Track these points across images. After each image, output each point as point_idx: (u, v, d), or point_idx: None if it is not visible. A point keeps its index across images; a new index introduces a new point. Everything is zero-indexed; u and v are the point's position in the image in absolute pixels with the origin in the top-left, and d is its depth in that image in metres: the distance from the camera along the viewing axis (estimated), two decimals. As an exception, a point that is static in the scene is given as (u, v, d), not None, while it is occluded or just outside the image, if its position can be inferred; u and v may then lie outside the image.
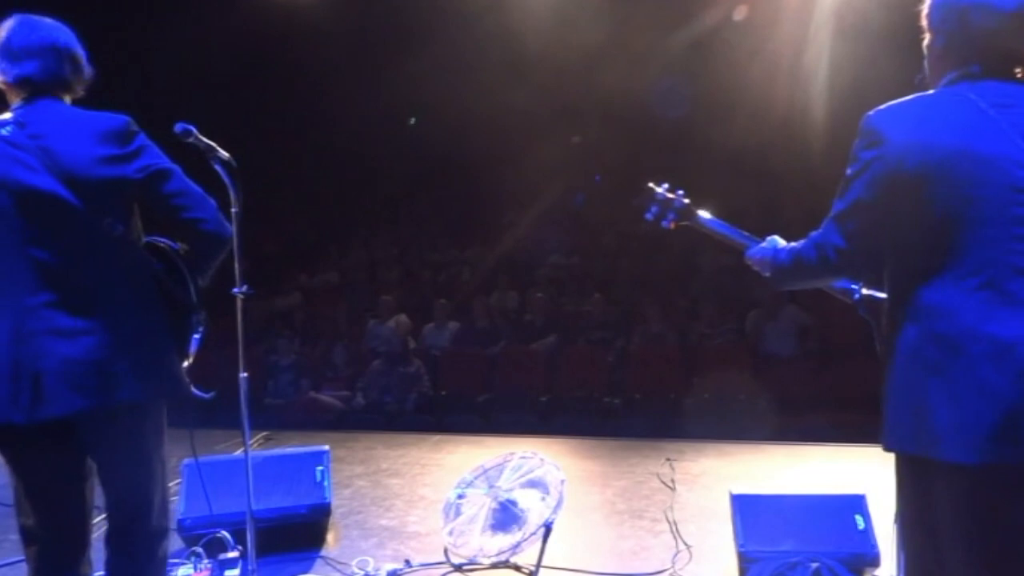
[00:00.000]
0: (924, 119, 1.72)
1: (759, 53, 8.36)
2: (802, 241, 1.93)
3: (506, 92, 9.11)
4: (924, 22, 1.87)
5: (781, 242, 2.12)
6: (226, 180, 2.66)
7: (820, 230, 1.85)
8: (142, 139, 2.09)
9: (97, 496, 2.20)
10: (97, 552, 2.23)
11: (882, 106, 1.78)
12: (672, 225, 2.46)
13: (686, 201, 2.45)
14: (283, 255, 10.80)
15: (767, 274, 2.11)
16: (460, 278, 9.91)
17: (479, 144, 10.33)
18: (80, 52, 2.17)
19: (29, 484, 2.09)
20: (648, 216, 2.49)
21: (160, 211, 2.11)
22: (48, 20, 2.14)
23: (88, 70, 2.20)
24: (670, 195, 2.46)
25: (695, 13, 8.62)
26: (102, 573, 2.17)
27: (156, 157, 2.09)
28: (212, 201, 2.16)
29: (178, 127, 2.43)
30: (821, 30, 8.04)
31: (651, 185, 2.48)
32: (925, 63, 1.94)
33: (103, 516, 2.17)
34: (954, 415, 1.63)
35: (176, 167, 2.13)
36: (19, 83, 2.07)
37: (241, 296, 2.83)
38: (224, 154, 2.62)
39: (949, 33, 1.80)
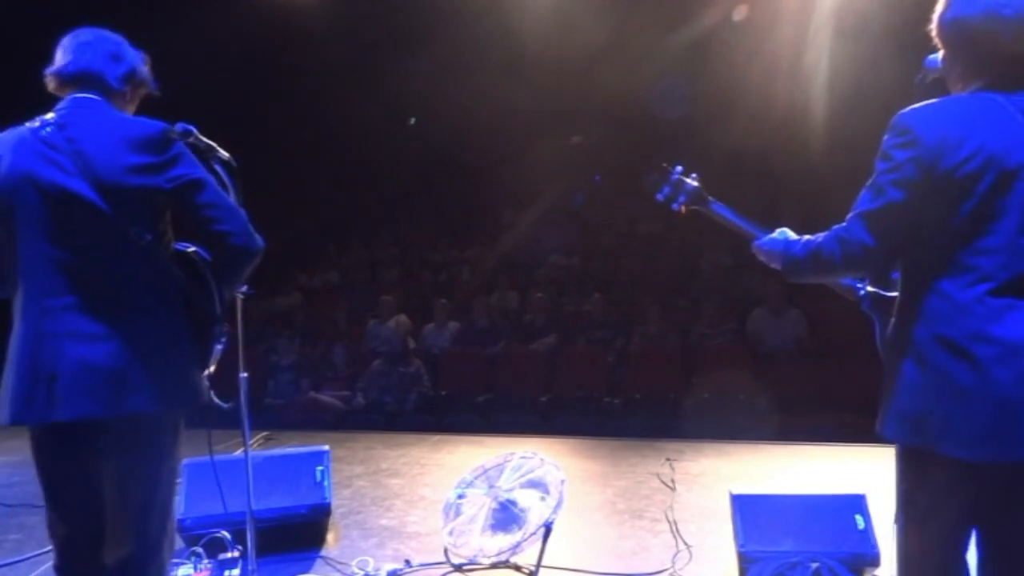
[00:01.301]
0: (958, 122, 1.71)
1: (759, 53, 8.36)
2: (822, 235, 1.90)
3: (506, 92, 9.11)
4: (936, 40, 1.86)
5: (791, 234, 2.10)
6: (226, 180, 2.65)
7: (845, 226, 1.83)
8: (178, 148, 2.06)
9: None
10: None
11: (915, 106, 1.77)
12: (682, 208, 2.44)
13: (698, 185, 2.43)
14: (283, 255, 10.80)
15: (776, 266, 2.10)
16: (460, 278, 9.91)
17: (479, 144, 10.33)
18: (129, 56, 2.19)
19: (50, 477, 2.11)
20: (659, 196, 2.45)
21: (189, 222, 2.08)
22: (104, 30, 2.18)
23: (140, 77, 2.21)
24: (684, 178, 2.44)
25: (695, 13, 8.62)
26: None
27: (190, 167, 2.07)
28: (242, 213, 2.13)
29: (178, 127, 2.43)
30: (821, 31, 8.05)
31: (665, 166, 2.46)
32: (929, 65, 1.94)
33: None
34: (959, 413, 1.65)
35: (210, 178, 2.11)
36: (55, 78, 2.10)
37: (241, 296, 2.83)
38: (224, 154, 2.62)
39: (965, 54, 1.80)
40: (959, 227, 1.69)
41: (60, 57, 2.11)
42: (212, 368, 2.21)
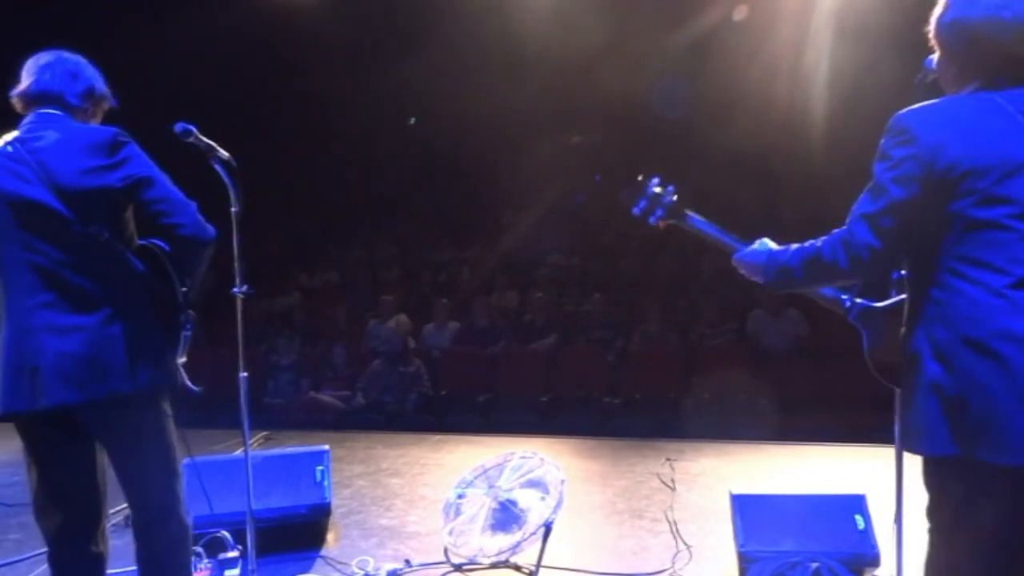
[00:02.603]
0: (956, 121, 1.71)
1: (759, 54, 8.36)
2: (820, 240, 1.86)
3: (506, 92, 9.10)
4: (934, 41, 1.85)
5: (773, 245, 2.06)
6: (226, 180, 2.69)
7: (847, 229, 1.79)
8: (128, 150, 2.20)
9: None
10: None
11: (912, 107, 1.76)
12: (660, 223, 2.38)
13: (675, 198, 2.36)
14: (283, 255, 10.79)
15: (758, 279, 2.05)
16: (460, 278, 9.91)
17: (479, 144, 10.33)
18: (86, 74, 2.33)
19: (43, 466, 2.26)
20: (636, 211, 2.40)
21: (143, 217, 2.25)
22: (63, 52, 2.33)
23: (99, 94, 2.35)
24: (658, 190, 2.37)
25: (695, 14, 8.62)
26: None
27: (140, 167, 2.20)
28: (192, 207, 2.26)
29: (178, 127, 2.50)
30: (821, 31, 8.04)
31: (641, 179, 2.40)
32: (929, 65, 1.93)
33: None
34: (992, 417, 1.60)
35: (160, 175, 2.23)
36: (20, 98, 2.27)
37: (241, 296, 2.84)
38: (224, 154, 2.65)
39: (963, 55, 1.78)
40: (966, 224, 1.67)
41: (24, 79, 2.28)
42: (184, 358, 2.38)
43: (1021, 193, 1.65)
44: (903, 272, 1.89)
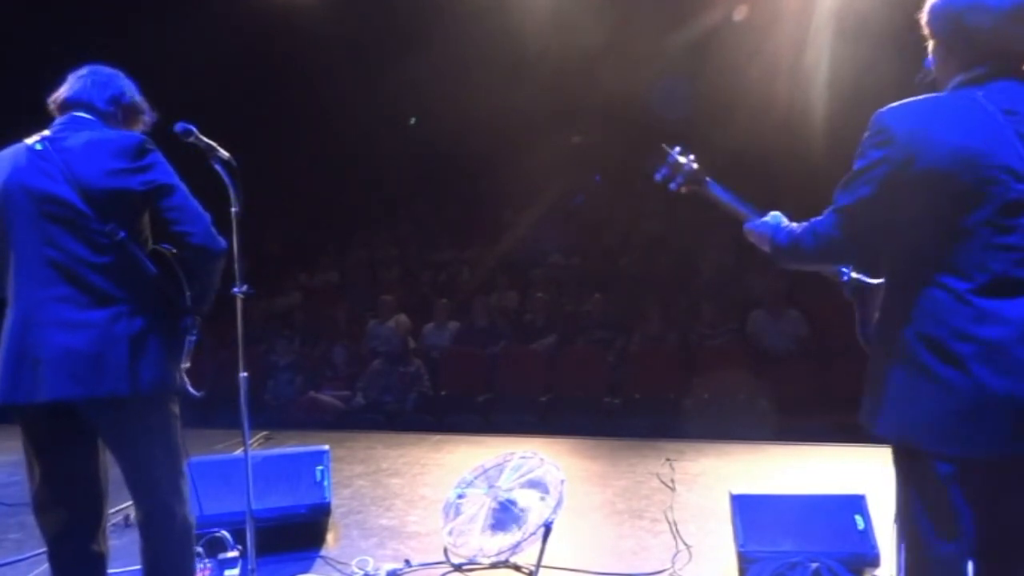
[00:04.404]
0: (935, 121, 1.73)
1: (759, 53, 8.35)
2: (802, 225, 1.97)
3: (506, 92, 9.09)
4: (926, 30, 1.89)
5: (783, 219, 2.15)
6: (226, 179, 2.69)
7: (821, 219, 1.89)
8: (153, 157, 2.29)
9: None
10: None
11: (894, 104, 1.79)
12: (680, 188, 2.48)
13: (696, 166, 2.46)
14: (283, 255, 10.79)
15: (765, 249, 2.14)
16: (460, 278, 9.90)
17: (479, 144, 10.32)
18: (125, 91, 2.44)
19: (44, 464, 2.28)
20: (657, 177, 2.50)
21: (158, 223, 2.31)
22: (100, 65, 2.45)
23: (127, 102, 2.44)
24: (681, 159, 2.47)
25: (695, 14, 8.61)
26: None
27: (162, 174, 2.29)
28: (206, 218, 2.33)
29: (178, 126, 2.51)
30: (821, 31, 8.04)
31: (664, 146, 2.49)
32: (929, 65, 1.95)
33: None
34: (944, 410, 1.68)
35: (180, 185, 2.31)
36: (55, 103, 2.38)
37: (241, 296, 2.84)
38: (224, 154, 2.66)
39: (949, 38, 1.82)
40: (936, 227, 1.71)
41: (61, 88, 2.38)
42: (187, 363, 2.40)
43: (992, 199, 1.67)
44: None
